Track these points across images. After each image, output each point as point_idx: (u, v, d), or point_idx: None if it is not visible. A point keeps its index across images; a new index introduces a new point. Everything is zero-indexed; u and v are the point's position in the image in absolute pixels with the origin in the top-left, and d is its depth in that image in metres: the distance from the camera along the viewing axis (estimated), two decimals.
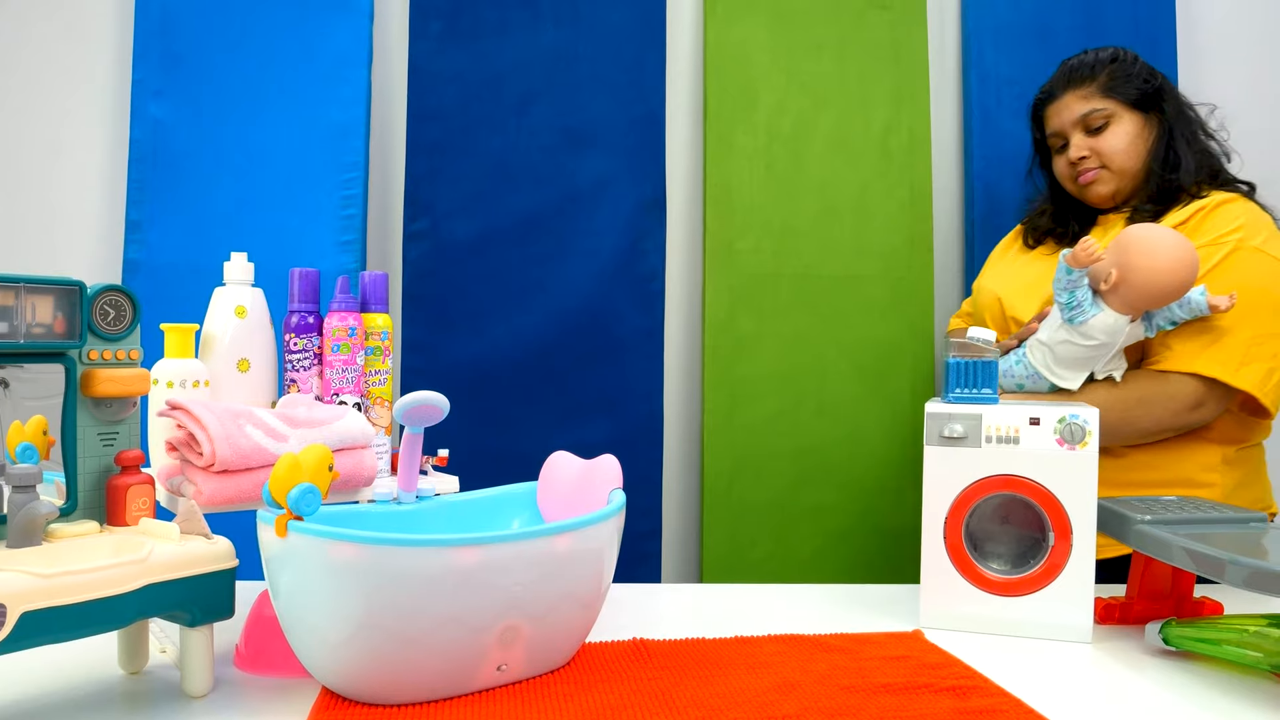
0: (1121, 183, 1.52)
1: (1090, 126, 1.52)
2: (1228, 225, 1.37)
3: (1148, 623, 1.10)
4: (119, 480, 0.91)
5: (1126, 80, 1.51)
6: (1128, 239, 1.30)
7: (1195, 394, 1.33)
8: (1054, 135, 1.58)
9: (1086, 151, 1.52)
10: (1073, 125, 1.54)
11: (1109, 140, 1.51)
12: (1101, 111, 1.51)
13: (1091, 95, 1.52)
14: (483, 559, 0.83)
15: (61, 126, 1.93)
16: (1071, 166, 1.55)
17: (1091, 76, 1.53)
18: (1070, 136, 1.55)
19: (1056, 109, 1.56)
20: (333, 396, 1.11)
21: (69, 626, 0.76)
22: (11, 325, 0.85)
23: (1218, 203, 1.41)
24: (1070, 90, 1.55)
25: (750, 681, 0.92)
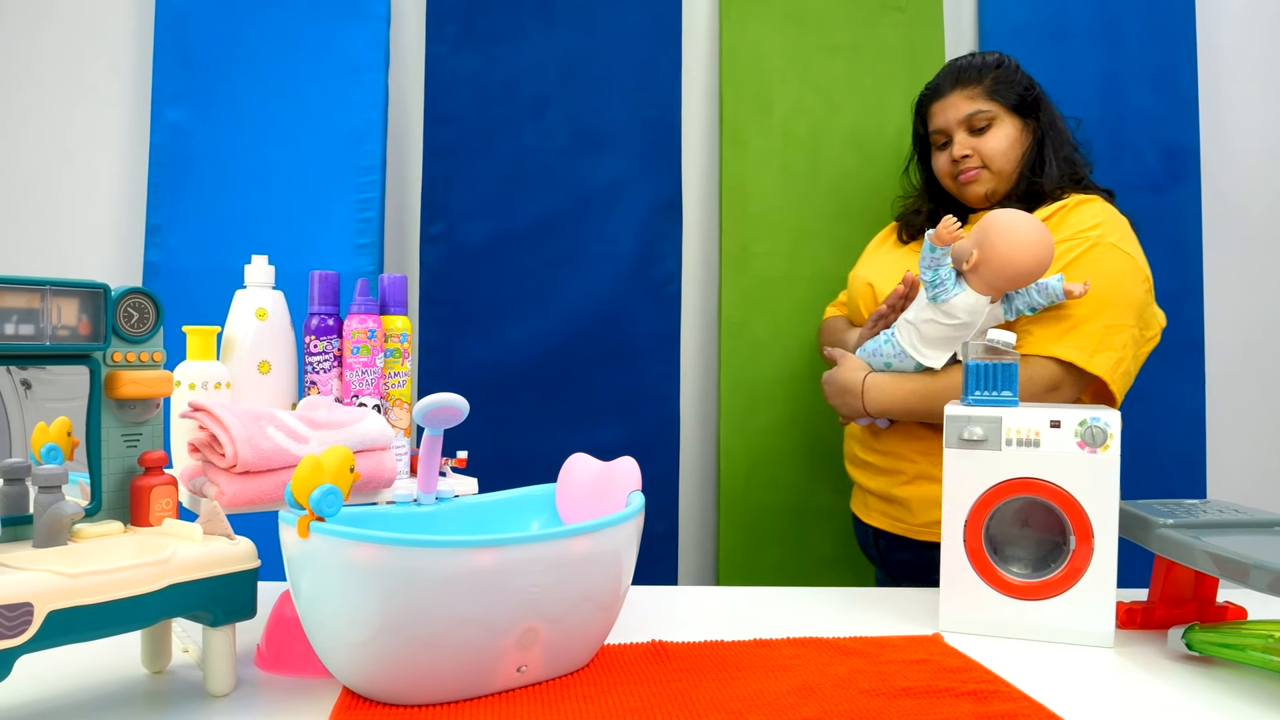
0: (998, 184, 1.56)
1: (974, 126, 1.55)
2: (1088, 222, 1.44)
3: (1170, 627, 1.09)
4: (142, 481, 0.91)
5: (1009, 85, 1.55)
6: (989, 222, 1.35)
7: (1052, 376, 1.37)
8: (937, 132, 1.61)
9: (969, 150, 1.55)
10: (957, 124, 1.56)
11: (990, 142, 1.54)
12: (986, 113, 1.54)
13: (977, 96, 1.55)
14: (502, 560, 0.83)
15: (82, 132, 1.94)
16: (953, 164, 1.58)
17: (979, 78, 1.56)
18: (954, 135, 1.57)
19: (942, 106, 1.59)
20: (352, 398, 1.11)
21: (94, 626, 0.77)
22: (38, 328, 0.85)
23: (1078, 202, 1.48)
24: (958, 90, 1.57)
25: (770, 684, 0.92)
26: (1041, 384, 1.37)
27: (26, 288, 0.85)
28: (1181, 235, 2.01)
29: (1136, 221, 2.00)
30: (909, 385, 1.44)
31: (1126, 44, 2.02)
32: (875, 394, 1.47)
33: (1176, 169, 2.01)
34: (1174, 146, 2.01)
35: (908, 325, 1.43)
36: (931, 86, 1.62)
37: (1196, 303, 2.01)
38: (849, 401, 1.50)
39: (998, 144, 1.54)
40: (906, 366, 1.44)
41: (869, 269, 1.67)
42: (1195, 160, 2.02)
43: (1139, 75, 2.01)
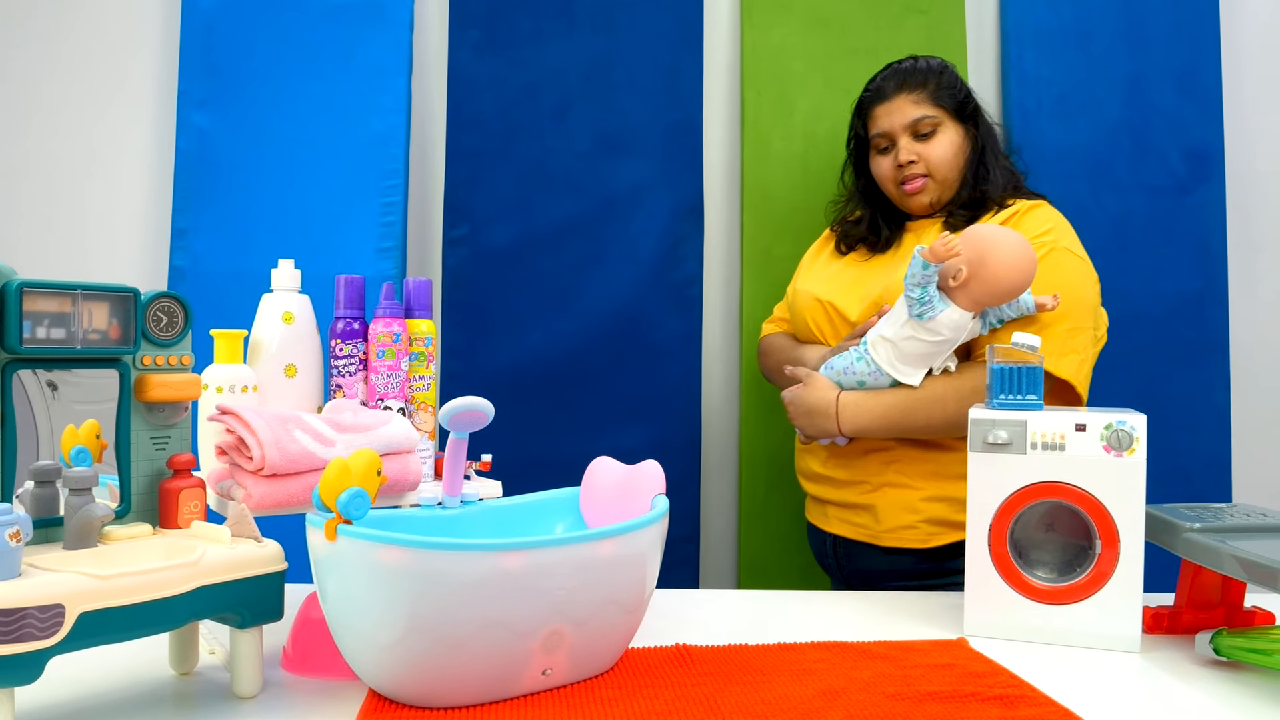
0: (942, 192, 1.55)
1: (919, 132, 1.53)
2: (1040, 227, 1.44)
3: (1197, 632, 1.08)
4: (171, 484, 0.92)
5: (952, 92, 1.54)
6: (978, 238, 1.32)
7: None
8: (881, 135, 1.57)
9: (915, 156, 1.53)
10: (903, 128, 1.54)
11: (936, 149, 1.53)
12: (931, 119, 1.53)
13: (923, 101, 1.53)
14: (529, 563, 0.83)
15: (108, 137, 1.96)
16: (897, 170, 1.55)
17: (924, 83, 1.54)
18: (898, 139, 1.55)
19: (888, 109, 1.56)
20: (378, 401, 1.12)
21: (125, 627, 0.78)
22: (69, 331, 0.86)
23: (1029, 207, 1.48)
24: (903, 93, 1.54)
25: (795, 689, 0.92)
26: None
27: (58, 292, 0.86)
28: (1206, 237, 2.00)
29: (1160, 223, 2.00)
30: (886, 402, 1.40)
31: (1150, 45, 2.00)
32: (851, 413, 1.42)
33: (1201, 170, 2.00)
34: (1198, 148, 2.00)
35: (884, 343, 1.38)
36: (874, 88, 1.59)
37: (1221, 305, 1.99)
38: (819, 422, 1.45)
39: (943, 151, 1.53)
40: (881, 384, 1.40)
41: (815, 283, 1.62)
42: (1219, 162, 2.01)
43: (1163, 76, 2.00)
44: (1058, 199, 1.95)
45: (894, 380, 1.39)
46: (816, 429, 1.45)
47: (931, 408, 1.38)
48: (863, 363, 1.40)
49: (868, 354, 1.40)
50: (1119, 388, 1.92)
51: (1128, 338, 1.96)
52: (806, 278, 1.66)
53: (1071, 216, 1.96)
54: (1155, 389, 1.95)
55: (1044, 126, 1.98)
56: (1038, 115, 1.98)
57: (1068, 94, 1.99)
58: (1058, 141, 1.98)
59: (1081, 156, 1.98)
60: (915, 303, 1.32)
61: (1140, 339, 1.97)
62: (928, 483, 1.45)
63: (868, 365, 1.40)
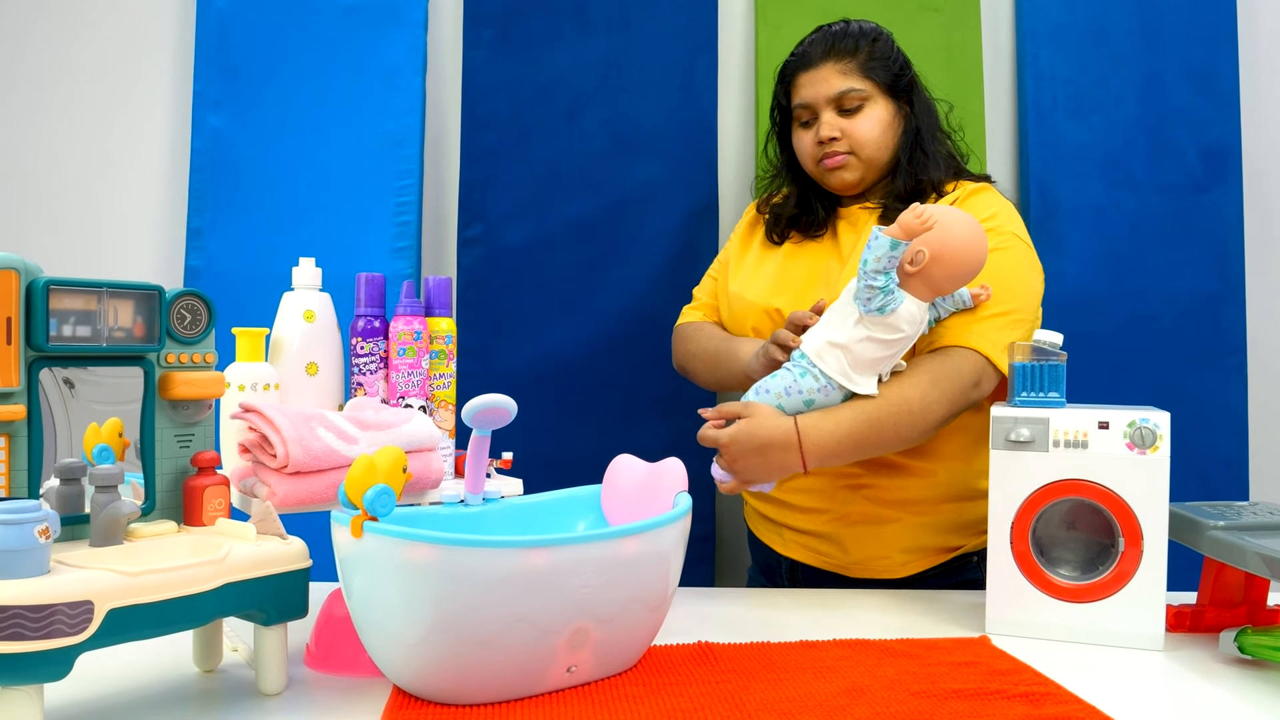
0: (867, 172, 1.41)
1: (844, 106, 1.39)
2: (984, 213, 1.33)
3: (1220, 630, 1.08)
4: (195, 481, 0.93)
5: (885, 63, 1.40)
6: (936, 210, 1.18)
7: (975, 367, 1.25)
8: (803, 107, 1.42)
9: (837, 133, 1.39)
10: (827, 101, 1.40)
11: (862, 125, 1.39)
12: (859, 92, 1.38)
13: (851, 72, 1.39)
14: (555, 561, 0.83)
15: (124, 137, 1.97)
16: (818, 146, 1.41)
17: (854, 51, 1.39)
18: (821, 112, 1.40)
19: (811, 79, 1.41)
20: (398, 400, 1.12)
21: (153, 624, 0.78)
22: (94, 329, 0.87)
23: (972, 191, 1.39)
24: (830, 61, 1.40)
25: (819, 686, 0.92)
26: (968, 377, 1.25)
27: (84, 290, 0.86)
28: (1223, 236, 1.99)
29: (1177, 222, 1.99)
30: (848, 418, 1.20)
31: (1167, 43, 2.00)
32: (815, 438, 1.19)
33: (1218, 169, 1.99)
34: (1215, 146, 1.99)
35: (833, 350, 1.19)
36: (798, 53, 1.44)
37: (1239, 304, 1.98)
38: (776, 458, 1.20)
39: (869, 128, 1.39)
40: (832, 400, 1.21)
41: (755, 287, 1.45)
42: (1236, 160, 2.00)
43: (1179, 75, 1.99)
44: (1073, 197, 1.96)
45: (848, 393, 1.21)
46: (771, 467, 1.22)
47: (899, 416, 1.21)
48: (808, 377, 1.20)
49: (814, 367, 1.20)
50: (1135, 387, 1.92)
51: (1144, 337, 1.95)
52: (742, 279, 1.49)
53: (1087, 215, 1.97)
54: (1172, 388, 1.94)
55: (1060, 125, 1.97)
56: (1054, 113, 1.98)
57: (1084, 92, 1.98)
58: (1074, 140, 1.97)
59: (1098, 155, 1.97)
60: (878, 293, 1.14)
61: (1156, 339, 1.96)
62: (902, 512, 1.35)
63: (815, 380, 1.20)
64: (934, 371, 1.25)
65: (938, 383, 1.24)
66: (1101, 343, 1.93)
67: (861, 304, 1.16)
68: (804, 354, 1.21)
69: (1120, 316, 1.95)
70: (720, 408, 1.25)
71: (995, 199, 1.39)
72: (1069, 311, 1.93)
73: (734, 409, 1.23)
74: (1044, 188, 1.97)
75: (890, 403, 1.22)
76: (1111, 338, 1.95)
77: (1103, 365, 1.91)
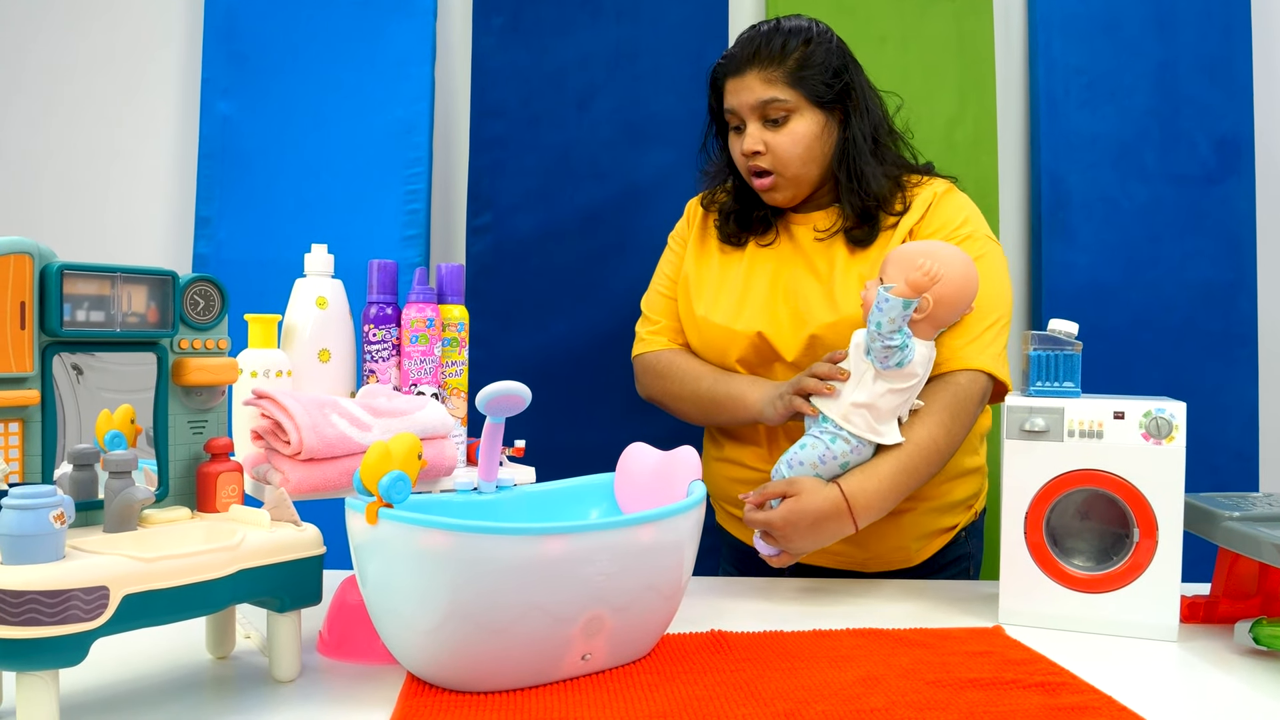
0: (798, 188, 1.35)
1: (768, 116, 1.32)
2: (958, 217, 1.32)
3: (1234, 621, 1.07)
4: (209, 467, 0.92)
5: (816, 71, 1.31)
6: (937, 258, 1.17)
7: (981, 386, 1.26)
8: (730, 112, 1.35)
9: (761, 145, 1.32)
10: (750, 109, 1.32)
11: (784, 140, 1.31)
12: (783, 104, 1.30)
13: (775, 81, 1.30)
14: (570, 548, 0.83)
15: (133, 124, 1.97)
16: (744, 157, 1.34)
17: (780, 58, 1.31)
18: (746, 121, 1.33)
19: (736, 86, 1.33)
20: (410, 387, 1.12)
21: (167, 610, 0.78)
22: (108, 314, 0.86)
23: (945, 191, 1.35)
24: (754, 68, 1.31)
25: (833, 675, 0.91)
26: (977, 396, 1.26)
27: (98, 275, 0.86)
28: (1235, 227, 1.98)
29: (1189, 213, 1.98)
30: (887, 473, 1.19)
31: (1180, 33, 1.98)
32: (864, 501, 1.17)
33: (1230, 160, 1.98)
34: (1228, 137, 1.98)
35: (858, 410, 1.17)
36: (727, 56, 1.36)
37: (1250, 295, 1.97)
38: (830, 529, 1.17)
39: (791, 144, 1.31)
40: (865, 456, 1.19)
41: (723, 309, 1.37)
42: (1249, 151, 1.99)
43: (1193, 65, 1.98)
44: (1085, 188, 1.96)
45: (876, 446, 1.20)
46: (825, 538, 1.18)
47: (931, 457, 1.21)
48: (839, 442, 1.18)
49: (843, 431, 1.18)
50: (1147, 378, 1.91)
51: (1156, 328, 1.95)
52: (709, 300, 1.39)
53: (1098, 206, 1.96)
54: (1183, 379, 1.93)
55: (1072, 115, 1.96)
56: (1066, 104, 1.97)
57: (1096, 82, 1.97)
58: (1086, 130, 1.97)
59: (1110, 145, 1.97)
60: (895, 350, 1.14)
61: (1168, 329, 1.95)
62: (914, 501, 1.31)
63: (846, 443, 1.18)
64: (950, 406, 1.24)
65: (957, 415, 1.24)
66: (1113, 333, 1.92)
67: (879, 362, 1.16)
68: (828, 418, 1.19)
69: (1132, 307, 1.95)
70: (763, 490, 1.19)
71: (963, 201, 1.36)
72: (1080, 302, 1.93)
73: (777, 488, 1.18)
74: (1056, 178, 1.96)
75: (921, 447, 1.21)
76: (1123, 329, 1.94)
77: (1114, 356, 1.90)
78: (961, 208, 1.34)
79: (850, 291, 1.30)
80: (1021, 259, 2.05)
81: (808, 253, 1.37)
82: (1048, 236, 1.96)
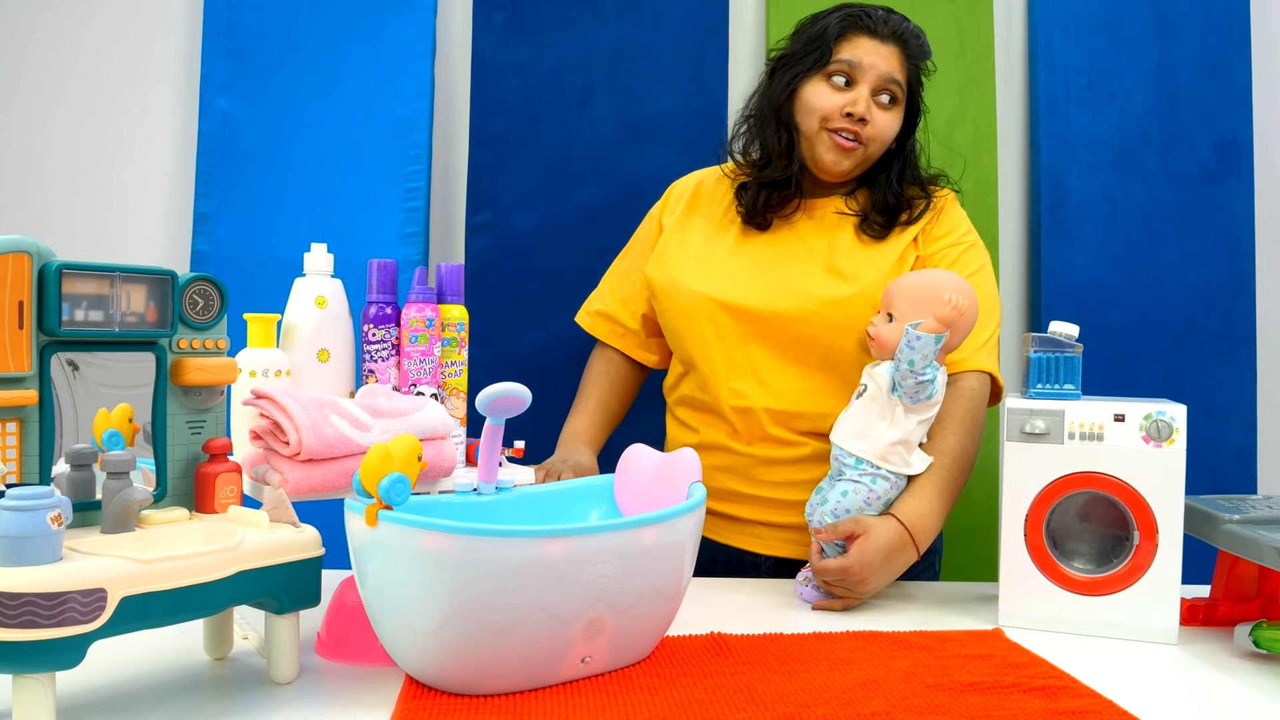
0: (864, 166, 1.39)
1: (885, 92, 1.35)
2: (962, 225, 1.41)
3: (1233, 624, 1.07)
4: (207, 468, 0.92)
5: (919, 81, 1.40)
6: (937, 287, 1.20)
7: (985, 386, 1.33)
8: (849, 64, 1.33)
9: (868, 115, 1.33)
10: (877, 77, 1.33)
11: (887, 122, 1.35)
12: (901, 90, 1.36)
13: (904, 66, 1.36)
14: (571, 550, 0.82)
15: (132, 120, 1.96)
16: (844, 117, 1.33)
17: (916, 53, 1.37)
18: (861, 85, 1.33)
19: (873, 49, 1.33)
20: (410, 387, 1.11)
21: (165, 612, 0.77)
22: (107, 314, 0.86)
23: (949, 201, 1.43)
24: (896, 45, 1.35)
25: (834, 678, 0.91)
26: (982, 395, 1.32)
27: (96, 274, 0.85)
28: (1234, 228, 1.98)
29: (1188, 214, 1.98)
30: (933, 494, 1.22)
31: (1180, 33, 1.98)
32: (923, 527, 1.20)
33: (1230, 160, 1.98)
34: (1227, 138, 1.98)
35: (894, 447, 1.20)
36: (867, 14, 1.35)
37: (1249, 296, 1.97)
38: (900, 561, 1.19)
39: (890, 129, 1.36)
40: (901, 488, 1.22)
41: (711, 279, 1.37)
42: (1248, 152, 1.98)
43: (1193, 65, 1.98)
44: (1084, 188, 1.95)
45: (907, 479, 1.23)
46: (893, 572, 1.19)
47: (965, 466, 1.26)
48: (880, 482, 1.20)
49: (883, 469, 1.20)
50: (1146, 378, 1.91)
51: (1155, 329, 1.95)
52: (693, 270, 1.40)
53: (1098, 206, 1.96)
54: (1182, 380, 1.93)
55: (1072, 115, 1.96)
56: (1066, 104, 1.96)
57: (1096, 82, 1.97)
58: (1086, 130, 1.96)
59: (1110, 145, 1.96)
60: (927, 384, 1.16)
61: (1167, 330, 1.95)
62: None
63: (887, 480, 1.20)
64: (971, 412, 1.29)
65: (977, 420, 1.30)
66: (1112, 334, 1.92)
67: (908, 398, 1.18)
68: (863, 460, 1.20)
69: (1131, 308, 1.95)
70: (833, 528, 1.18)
71: (960, 210, 1.44)
72: (1080, 303, 1.93)
73: (848, 526, 1.17)
74: (1055, 178, 1.96)
75: (956, 460, 1.25)
76: (1122, 329, 1.94)
77: (1113, 357, 1.90)
78: (962, 217, 1.42)
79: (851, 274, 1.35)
80: (1021, 259, 2.04)
81: (807, 241, 1.40)
82: (1047, 237, 1.96)
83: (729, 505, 1.40)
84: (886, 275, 1.34)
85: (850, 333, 1.33)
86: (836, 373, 1.34)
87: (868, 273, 1.35)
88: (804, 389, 1.35)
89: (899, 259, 1.37)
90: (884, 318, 1.24)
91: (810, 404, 1.35)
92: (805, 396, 1.35)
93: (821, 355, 1.35)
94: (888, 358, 1.21)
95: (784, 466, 1.36)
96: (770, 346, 1.36)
